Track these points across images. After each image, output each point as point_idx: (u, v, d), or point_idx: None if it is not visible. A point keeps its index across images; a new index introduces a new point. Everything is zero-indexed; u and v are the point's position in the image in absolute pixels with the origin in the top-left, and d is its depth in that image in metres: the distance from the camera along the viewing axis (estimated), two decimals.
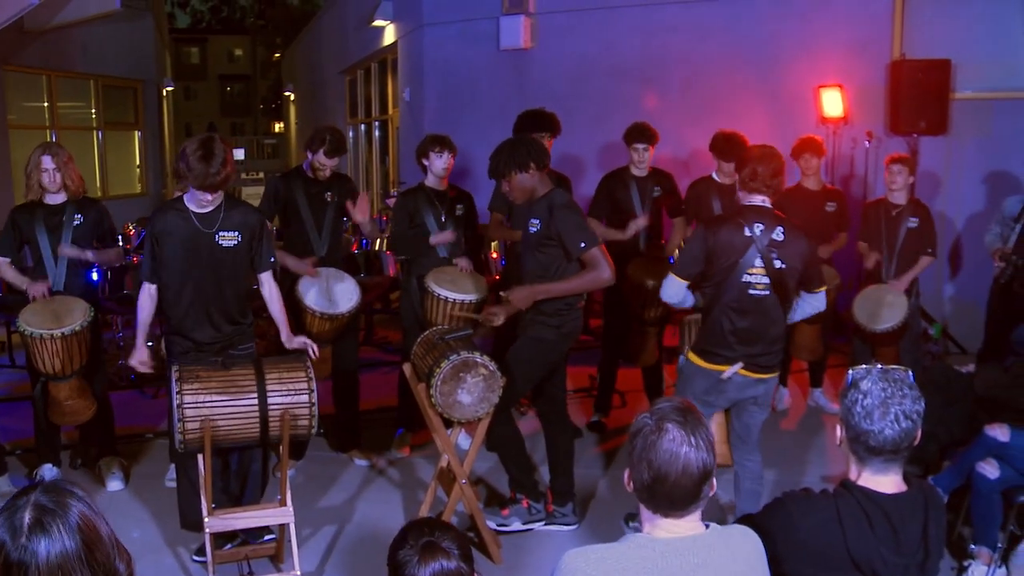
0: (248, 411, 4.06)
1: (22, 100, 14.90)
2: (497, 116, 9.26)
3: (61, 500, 1.79)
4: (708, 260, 4.31)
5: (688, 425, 2.18)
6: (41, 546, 1.73)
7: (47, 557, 1.73)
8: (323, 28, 21.23)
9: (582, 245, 4.55)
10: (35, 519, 1.75)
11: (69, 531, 1.76)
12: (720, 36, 9.49)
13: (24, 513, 1.76)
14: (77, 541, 1.76)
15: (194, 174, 4.32)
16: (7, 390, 7.47)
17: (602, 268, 4.57)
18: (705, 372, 4.40)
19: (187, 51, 55.34)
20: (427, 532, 2.15)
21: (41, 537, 1.73)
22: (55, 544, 1.74)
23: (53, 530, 1.74)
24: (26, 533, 1.73)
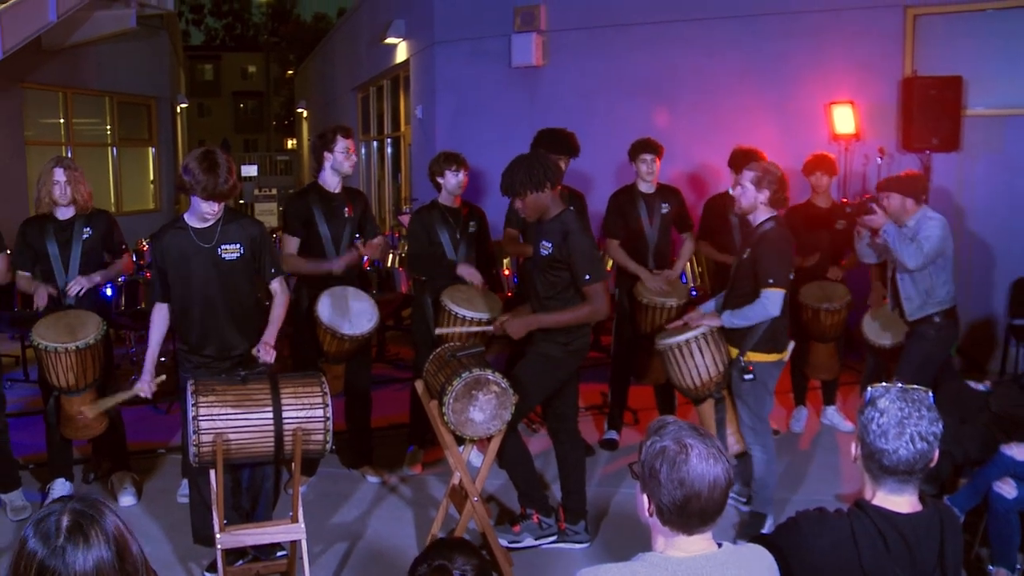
0: (263, 425, 4.06)
1: (39, 117, 15.03)
2: (509, 133, 9.29)
3: (97, 509, 1.82)
4: None
5: (706, 439, 2.22)
6: (78, 555, 1.75)
7: (83, 565, 1.75)
8: (336, 46, 21.35)
9: (587, 277, 4.59)
10: (73, 525, 1.77)
11: (106, 539, 1.78)
12: (731, 53, 9.51)
13: (62, 520, 1.78)
14: (112, 550, 1.78)
15: (202, 185, 4.35)
16: (21, 405, 7.49)
17: (599, 305, 4.62)
18: (776, 363, 4.97)
19: (201, 68, 55.70)
20: (445, 555, 2.14)
21: (79, 546, 1.75)
22: (92, 552, 1.77)
23: (93, 539, 1.76)
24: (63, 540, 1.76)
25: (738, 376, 4.94)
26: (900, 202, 5.42)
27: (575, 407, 5.05)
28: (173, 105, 20.48)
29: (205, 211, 4.49)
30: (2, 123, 13.52)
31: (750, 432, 5.02)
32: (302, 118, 32.23)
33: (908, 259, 5.27)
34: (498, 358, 6.16)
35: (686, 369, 5.09)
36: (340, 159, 5.60)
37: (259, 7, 57.30)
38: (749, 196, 4.92)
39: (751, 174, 4.93)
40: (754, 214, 4.96)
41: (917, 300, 5.45)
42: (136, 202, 17.80)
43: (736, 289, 5.00)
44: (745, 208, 4.96)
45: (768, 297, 4.77)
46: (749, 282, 4.88)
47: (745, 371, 4.90)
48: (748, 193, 4.92)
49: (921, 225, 5.35)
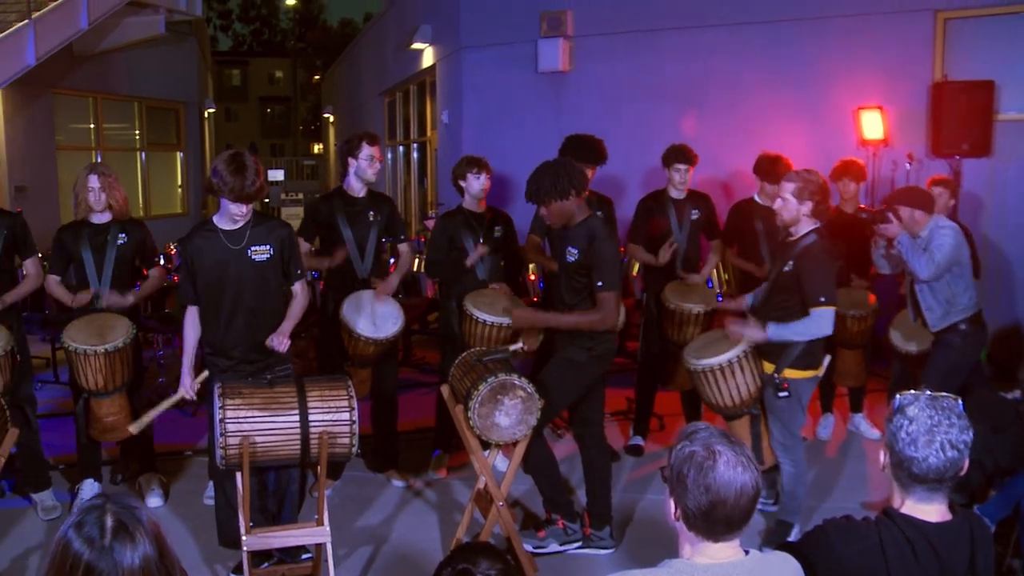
0: (289, 429, 4.08)
1: (69, 122, 15.20)
2: (535, 138, 9.30)
3: (135, 509, 1.84)
4: None
5: (736, 446, 2.21)
6: (125, 552, 1.78)
7: (131, 562, 1.78)
8: (363, 51, 21.45)
9: (599, 284, 4.59)
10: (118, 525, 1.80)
11: (149, 537, 1.80)
12: (759, 58, 9.47)
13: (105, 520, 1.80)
14: (155, 547, 1.81)
15: (229, 187, 4.38)
16: (51, 406, 7.57)
17: (608, 312, 4.61)
18: (812, 379, 4.86)
19: (229, 73, 56.09)
20: (469, 558, 2.15)
21: (125, 544, 1.78)
22: (139, 550, 1.80)
23: (138, 537, 1.79)
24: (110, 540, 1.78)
25: (772, 393, 4.82)
26: (909, 214, 5.38)
27: (601, 412, 5.04)
28: (201, 110, 20.66)
29: (233, 212, 4.52)
30: (34, 128, 13.69)
31: (780, 447, 4.93)
32: (328, 123, 32.39)
33: (920, 270, 5.25)
34: (524, 363, 6.15)
35: (724, 388, 4.93)
36: (364, 166, 5.63)
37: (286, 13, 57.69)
38: (792, 209, 4.76)
39: (792, 186, 4.74)
40: (796, 226, 4.80)
41: (939, 310, 5.40)
42: (164, 206, 17.97)
43: (774, 301, 4.85)
44: (788, 221, 4.81)
45: (821, 316, 4.63)
46: (792, 296, 4.73)
47: (780, 388, 4.78)
48: (790, 206, 4.75)
49: (933, 235, 5.31)
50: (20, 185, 13.17)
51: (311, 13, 56.36)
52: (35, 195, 13.35)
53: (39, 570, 1.87)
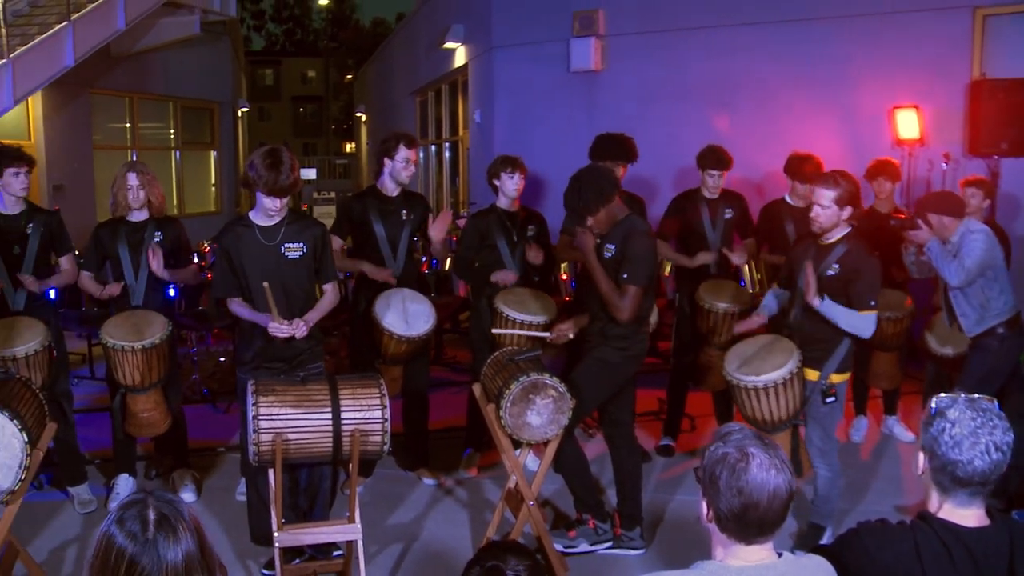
0: (322, 426, 4.10)
1: (106, 122, 15.40)
2: (567, 137, 9.29)
3: (176, 504, 1.86)
4: None
5: (770, 448, 2.19)
6: (168, 547, 1.82)
7: (174, 557, 1.82)
8: (395, 50, 21.54)
9: (624, 276, 4.59)
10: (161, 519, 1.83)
11: (190, 531, 1.83)
12: (792, 57, 9.41)
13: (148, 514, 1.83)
14: (196, 542, 1.83)
15: (264, 180, 4.42)
16: (87, 401, 7.66)
17: (624, 305, 4.58)
18: (847, 381, 4.89)
19: (262, 73, 56.50)
20: (499, 556, 2.15)
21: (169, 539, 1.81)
22: (181, 544, 1.83)
23: (180, 530, 1.82)
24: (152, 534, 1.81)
25: (820, 400, 4.75)
26: (939, 221, 5.32)
27: (631, 412, 5.03)
28: (234, 109, 20.84)
29: (268, 207, 4.55)
30: (72, 128, 13.88)
31: (819, 452, 4.86)
32: (361, 122, 32.56)
33: (951, 276, 5.19)
34: (555, 362, 6.15)
35: (768, 405, 4.76)
36: (399, 167, 5.65)
37: (319, 13, 58.04)
38: (832, 216, 4.67)
39: (833, 193, 4.63)
40: (833, 231, 4.75)
41: (973, 315, 5.34)
42: (198, 204, 18.15)
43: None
44: (826, 227, 4.71)
45: (869, 319, 4.62)
46: (838, 299, 4.66)
47: (828, 394, 4.73)
48: (831, 212, 4.66)
49: (964, 240, 5.24)
50: (58, 184, 13.35)
51: (343, 13, 56.68)
52: (72, 194, 13.53)
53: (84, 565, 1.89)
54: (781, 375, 4.64)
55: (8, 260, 5.45)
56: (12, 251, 5.46)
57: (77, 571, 4.80)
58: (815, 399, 4.76)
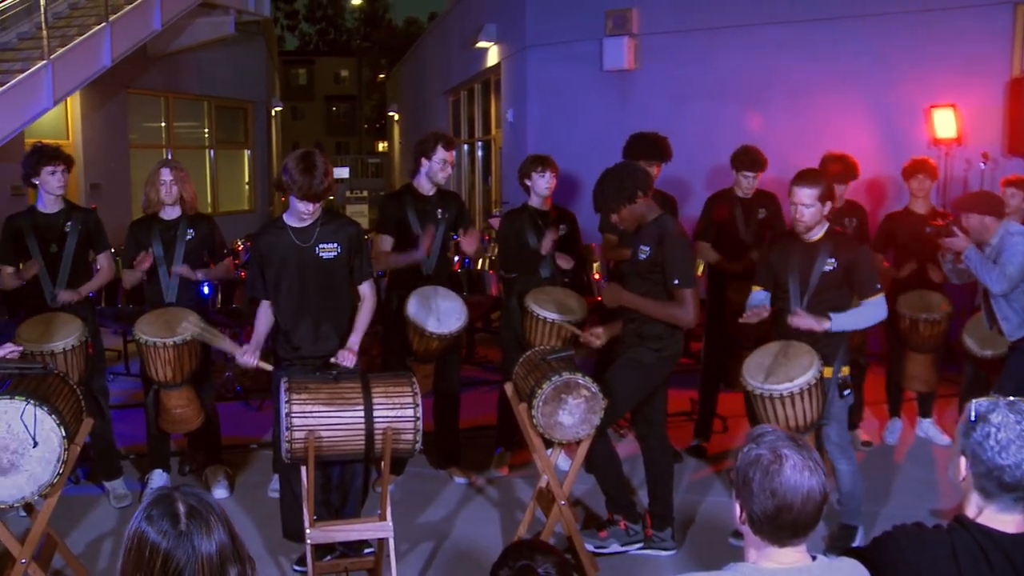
0: (354, 424, 4.12)
1: (142, 121, 15.57)
2: (601, 137, 9.27)
3: (205, 501, 1.89)
4: None
5: (803, 450, 2.17)
6: (202, 539, 1.83)
7: (208, 549, 1.84)
8: (427, 50, 21.58)
9: (676, 281, 4.56)
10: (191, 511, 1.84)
11: (222, 525, 1.85)
12: (826, 56, 9.33)
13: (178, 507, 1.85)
14: (228, 534, 1.85)
15: (298, 185, 4.44)
16: (122, 397, 7.75)
17: (685, 310, 4.58)
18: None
19: (295, 72, 56.83)
20: (527, 555, 2.15)
21: (202, 529, 1.84)
22: (215, 535, 1.84)
23: (212, 522, 1.84)
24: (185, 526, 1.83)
25: (838, 395, 4.70)
26: (979, 221, 5.26)
27: (664, 413, 5.01)
28: (268, 109, 20.98)
29: (301, 210, 4.58)
30: (109, 127, 14.04)
31: (838, 449, 4.82)
32: (393, 121, 32.66)
33: (993, 284, 5.14)
34: (587, 362, 6.14)
35: (789, 414, 4.62)
36: (436, 168, 5.66)
37: (352, 12, 58.32)
38: (815, 213, 4.66)
39: (814, 190, 4.63)
40: (817, 228, 4.72)
41: (1015, 319, 5.26)
42: (232, 203, 18.29)
43: (822, 302, 4.73)
44: (811, 226, 4.69)
45: (879, 303, 4.65)
46: (841, 292, 4.71)
47: (845, 387, 4.71)
48: (815, 210, 4.65)
49: (1004, 243, 5.16)
50: (95, 182, 13.51)
51: (376, 12, 56.93)
52: (109, 192, 13.70)
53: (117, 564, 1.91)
54: (812, 376, 4.54)
55: (47, 258, 5.52)
56: (51, 249, 5.53)
57: (112, 563, 4.86)
58: (833, 395, 4.72)
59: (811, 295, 4.76)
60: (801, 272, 4.77)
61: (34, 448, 3.84)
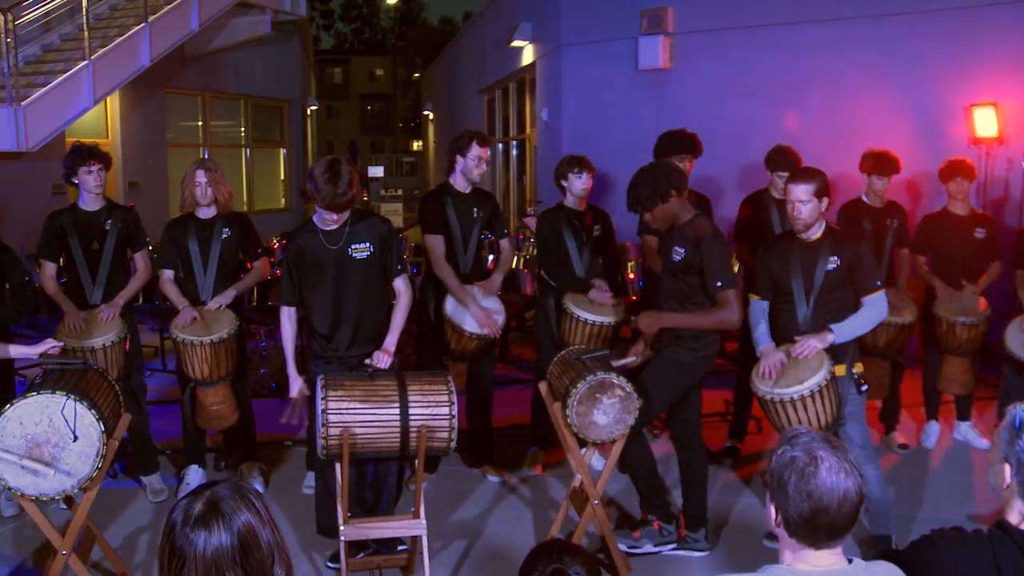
0: (389, 421, 4.13)
1: (180, 120, 15.73)
2: (635, 136, 9.23)
3: (233, 503, 1.90)
4: None
5: (839, 451, 2.16)
6: (200, 538, 1.85)
7: (203, 549, 1.86)
8: (462, 49, 21.63)
9: (719, 284, 4.52)
10: (202, 513, 1.87)
11: (229, 531, 1.86)
12: (864, 54, 9.24)
13: (195, 507, 1.88)
14: (234, 542, 1.86)
15: (322, 195, 4.44)
16: (158, 394, 7.83)
17: (731, 311, 4.53)
18: None
19: (330, 71, 57.19)
20: (555, 558, 2.14)
21: (201, 530, 1.86)
22: (212, 539, 1.85)
23: (214, 526, 1.86)
24: (191, 523, 1.86)
25: (856, 391, 4.53)
26: None
27: (698, 413, 4.98)
28: (304, 108, 21.11)
29: (325, 219, 4.60)
30: (148, 126, 14.20)
31: (861, 451, 4.53)
32: (428, 120, 32.78)
33: None
34: None
35: (802, 419, 4.46)
36: (470, 165, 5.66)
37: (387, 12, 58.57)
38: (813, 210, 4.50)
39: (810, 186, 4.47)
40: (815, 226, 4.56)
41: None
42: (267, 201, 18.42)
43: (826, 304, 4.57)
44: (810, 223, 4.52)
45: (880, 300, 4.53)
46: (844, 291, 4.56)
47: (862, 383, 4.54)
48: (812, 207, 4.49)
49: None
50: (133, 181, 13.68)
51: (411, 12, 57.17)
52: (146, 190, 13.86)
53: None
54: (823, 376, 4.39)
55: (88, 255, 5.59)
56: (91, 246, 5.60)
57: (149, 557, 4.91)
58: (850, 393, 4.55)
59: (816, 296, 4.60)
60: (804, 273, 4.61)
61: (74, 442, 3.90)
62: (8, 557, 4.95)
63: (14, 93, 8.84)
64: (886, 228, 6.20)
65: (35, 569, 4.81)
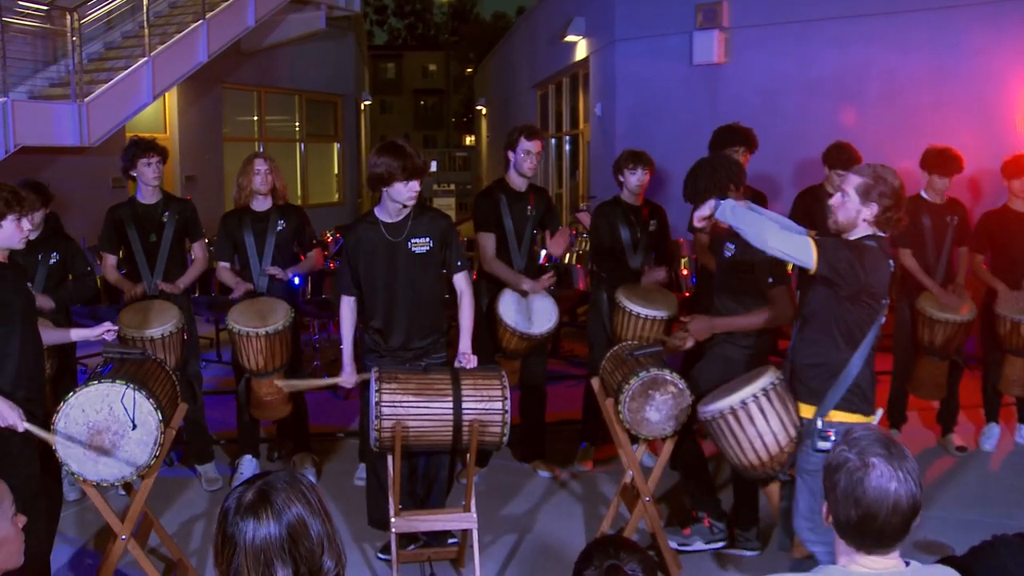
0: (442, 415, 4.15)
1: (235, 115, 15.93)
2: (689, 131, 9.17)
3: (284, 493, 1.93)
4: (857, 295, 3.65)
5: (894, 458, 2.09)
6: (249, 526, 1.89)
7: (252, 538, 1.89)
8: (515, 44, 21.61)
9: (770, 280, 4.47)
10: (253, 502, 1.91)
11: (278, 521, 1.89)
12: (924, 47, 9.07)
13: (247, 496, 1.92)
14: (283, 532, 1.88)
15: (400, 166, 4.41)
16: (214, 384, 7.94)
17: (783, 308, 4.48)
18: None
19: (384, 67, 57.49)
20: (612, 554, 2.13)
21: (251, 519, 1.89)
22: (261, 528, 1.88)
23: (263, 515, 1.89)
24: (242, 511, 1.89)
25: (811, 444, 3.74)
26: None
27: None
28: (358, 102, 21.27)
29: (406, 194, 4.50)
30: (205, 121, 14.42)
31: (806, 525, 3.81)
32: (481, 115, 32.81)
33: None
34: (674, 358, 6.08)
35: (744, 440, 3.91)
36: (520, 159, 5.66)
37: (440, 7, 58.75)
38: (850, 210, 3.75)
39: (859, 180, 3.74)
40: (852, 232, 3.78)
41: None
42: (321, 195, 18.60)
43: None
44: (842, 224, 3.78)
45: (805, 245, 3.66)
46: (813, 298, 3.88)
47: (823, 436, 3.72)
48: (850, 205, 3.75)
49: None
50: (190, 175, 13.89)
51: (464, 7, 57.26)
52: (203, 184, 14.07)
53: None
54: (740, 397, 3.88)
55: (146, 247, 5.69)
56: (149, 238, 5.70)
57: (204, 544, 4.99)
58: (806, 444, 3.78)
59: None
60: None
61: (133, 431, 3.97)
62: (71, 539, 5.07)
63: (78, 90, 9.03)
64: (946, 225, 6.09)
65: (96, 552, 4.92)
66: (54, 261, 5.40)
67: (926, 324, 6.01)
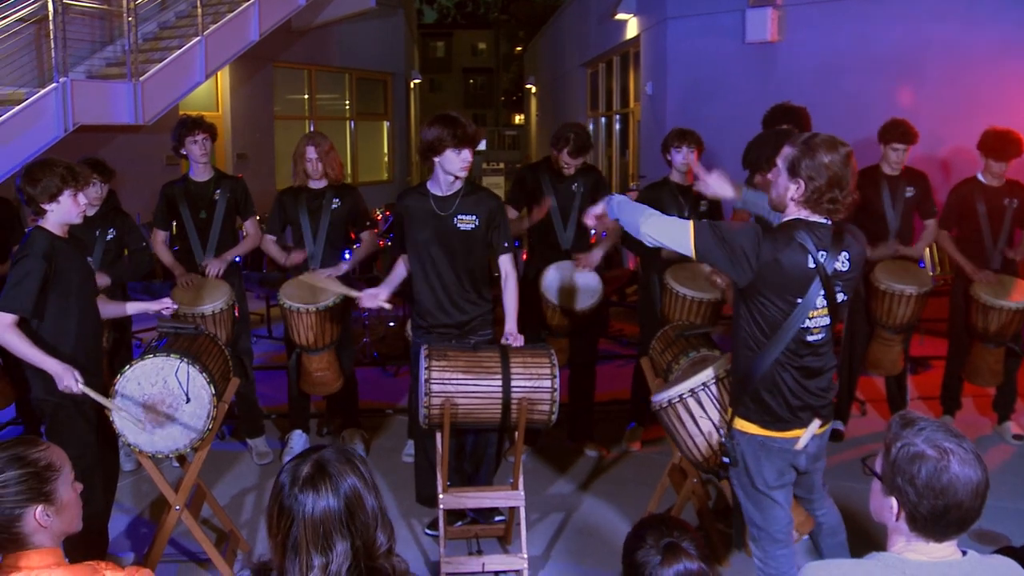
0: (491, 393, 4.15)
1: (286, 93, 16.02)
2: (741, 111, 9.04)
3: (340, 466, 1.95)
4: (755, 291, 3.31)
5: (964, 444, 2.07)
6: (308, 499, 1.92)
7: (312, 510, 1.92)
8: (565, 22, 21.47)
9: None
10: (311, 475, 1.94)
11: (336, 494, 1.92)
12: (989, 24, 8.83)
13: (302, 469, 1.95)
14: (341, 504, 1.91)
15: (451, 134, 4.40)
16: (264, 359, 8.04)
17: None
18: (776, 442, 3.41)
19: (433, 45, 57.44)
20: (666, 532, 2.11)
21: (310, 492, 1.92)
22: (320, 501, 1.91)
23: (322, 488, 1.92)
24: (300, 484, 1.92)
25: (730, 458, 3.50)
26: None
27: None
28: (407, 81, 21.28)
29: (458, 164, 4.49)
30: (256, 99, 14.52)
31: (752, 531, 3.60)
32: (530, 94, 32.69)
33: None
34: (725, 339, 6.03)
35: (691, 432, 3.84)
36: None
37: None
38: (779, 185, 3.36)
39: (788, 150, 3.33)
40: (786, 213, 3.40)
41: None
42: (371, 173, 18.67)
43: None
44: (774, 201, 3.43)
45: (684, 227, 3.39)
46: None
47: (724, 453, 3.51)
48: (780, 180, 3.36)
49: None
50: (241, 152, 14.02)
51: None
52: (254, 161, 14.19)
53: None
54: (686, 386, 3.83)
55: (197, 224, 5.76)
56: (200, 215, 5.77)
57: (255, 516, 5.07)
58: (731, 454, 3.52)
59: None
60: None
61: (187, 404, 4.04)
62: (127, 509, 5.18)
63: (134, 69, 9.13)
64: (1003, 208, 5.95)
65: (151, 521, 5.02)
66: (111, 237, 5.50)
67: (980, 311, 5.89)
